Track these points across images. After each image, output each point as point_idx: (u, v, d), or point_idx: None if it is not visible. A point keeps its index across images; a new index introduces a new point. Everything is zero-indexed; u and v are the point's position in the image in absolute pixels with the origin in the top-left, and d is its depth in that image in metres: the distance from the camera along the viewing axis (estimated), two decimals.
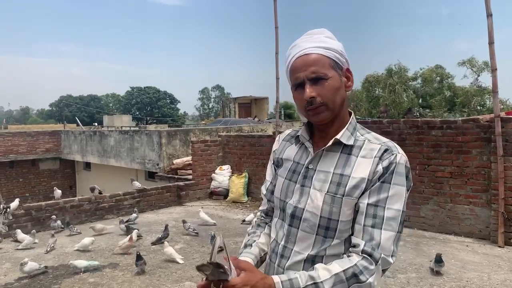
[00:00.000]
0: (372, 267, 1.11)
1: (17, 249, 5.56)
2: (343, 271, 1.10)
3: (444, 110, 25.68)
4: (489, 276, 4.29)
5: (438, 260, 4.30)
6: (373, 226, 1.14)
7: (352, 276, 1.10)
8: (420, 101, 29.14)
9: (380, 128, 6.22)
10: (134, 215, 6.83)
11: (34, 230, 5.90)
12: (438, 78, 28.71)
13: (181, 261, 4.90)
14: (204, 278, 1.06)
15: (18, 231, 5.85)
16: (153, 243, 5.66)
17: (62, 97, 58.21)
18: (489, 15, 5.29)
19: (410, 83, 29.12)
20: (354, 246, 1.16)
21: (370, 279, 1.10)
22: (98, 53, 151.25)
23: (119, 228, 6.31)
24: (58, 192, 7.99)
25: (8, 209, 6.07)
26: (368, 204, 1.16)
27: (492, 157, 5.24)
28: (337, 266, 1.11)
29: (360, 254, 1.13)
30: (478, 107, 24.90)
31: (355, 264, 1.11)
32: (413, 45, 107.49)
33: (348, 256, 1.15)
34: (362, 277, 1.10)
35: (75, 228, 6.32)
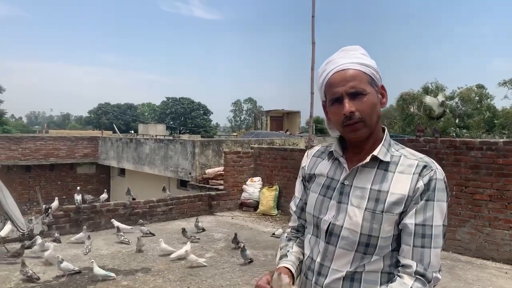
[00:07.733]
0: None
1: (68, 243, 6.01)
2: None
3: (482, 131, 24.80)
4: None
5: None
6: (423, 246, 1.16)
7: None
8: (457, 121, 28.29)
9: (417, 146, 6.10)
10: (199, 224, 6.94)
11: (85, 226, 6.22)
12: (476, 98, 27.84)
13: (205, 264, 5.16)
14: None
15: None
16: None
17: (101, 105, 60.26)
18: None
19: (447, 102, 28.35)
20: (405, 267, 1.17)
21: None
22: (136, 63, 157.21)
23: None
24: (104, 196, 7.93)
25: (50, 210, 6.32)
26: (415, 225, 1.17)
27: None
28: None
29: (413, 275, 1.15)
30: None
31: None
32: (451, 63, 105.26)
33: (400, 277, 1.17)
34: None
35: (123, 237, 6.15)
